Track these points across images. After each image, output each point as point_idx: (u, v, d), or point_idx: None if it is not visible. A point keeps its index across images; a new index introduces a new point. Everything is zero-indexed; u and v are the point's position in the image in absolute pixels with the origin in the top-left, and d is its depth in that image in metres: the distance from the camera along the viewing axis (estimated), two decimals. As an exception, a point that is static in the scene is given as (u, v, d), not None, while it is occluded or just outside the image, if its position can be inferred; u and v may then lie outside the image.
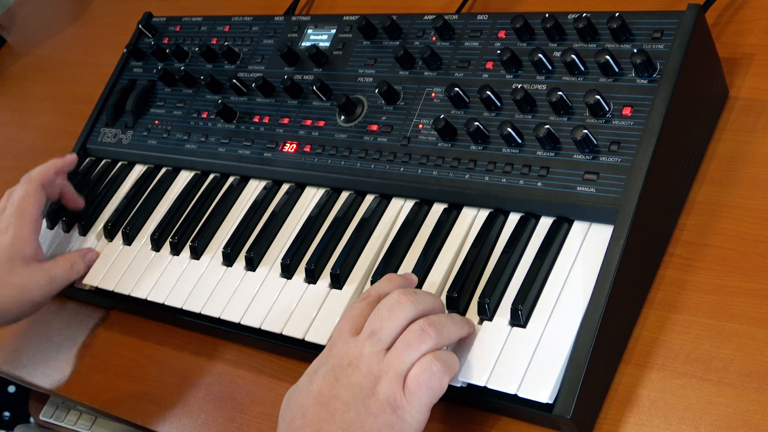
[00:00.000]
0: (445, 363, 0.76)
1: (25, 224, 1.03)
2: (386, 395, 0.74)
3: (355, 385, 0.75)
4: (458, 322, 0.79)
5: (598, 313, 0.75)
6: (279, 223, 1.00)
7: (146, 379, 1.02)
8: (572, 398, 0.73)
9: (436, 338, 0.76)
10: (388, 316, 0.77)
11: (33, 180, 1.06)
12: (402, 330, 0.77)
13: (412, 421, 0.74)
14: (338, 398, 0.74)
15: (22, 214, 1.03)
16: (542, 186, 0.84)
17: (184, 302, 0.99)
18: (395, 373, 0.75)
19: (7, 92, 1.61)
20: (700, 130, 0.87)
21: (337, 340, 0.79)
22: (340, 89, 1.02)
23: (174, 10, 1.40)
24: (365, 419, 0.73)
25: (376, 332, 0.77)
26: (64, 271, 1.05)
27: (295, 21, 1.12)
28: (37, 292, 1.02)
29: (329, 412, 0.74)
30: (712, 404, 0.74)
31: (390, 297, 0.79)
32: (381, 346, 0.76)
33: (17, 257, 1.01)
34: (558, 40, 0.89)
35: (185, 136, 1.13)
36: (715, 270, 0.80)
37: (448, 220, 0.90)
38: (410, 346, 0.76)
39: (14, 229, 1.02)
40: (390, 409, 0.74)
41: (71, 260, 1.06)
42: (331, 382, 0.75)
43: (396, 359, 0.75)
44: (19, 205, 1.04)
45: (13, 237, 1.02)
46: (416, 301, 0.79)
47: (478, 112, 0.91)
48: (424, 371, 0.75)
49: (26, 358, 1.13)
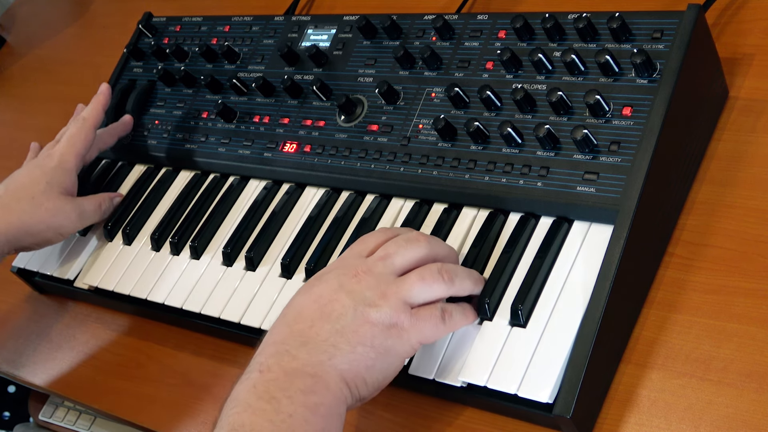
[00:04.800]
0: (455, 321, 0.79)
1: (71, 157, 1.07)
2: (389, 312, 0.76)
3: (358, 293, 0.76)
4: (474, 278, 0.81)
5: (598, 313, 0.75)
6: (279, 223, 1.00)
7: (146, 379, 1.02)
8: (572, 398, 0.73)
9: (449, 284, 0.78)
10: (405, 246, 0.80)
11: (87, 120, 1.10)
12: (414, 265, 0.79)
13: (407, 345, 0.76)
14: (338, 301, 0.76)
15: (71, 146, 1.07)
16: (542, 186, 0.84)
17: (183, 302, 0.99)
18: (402, 297, 0.77)
19: (7, 92, 1.61)
20: (700, 130, 0.87)
21: (348, 257, 0.81)
22: (340, 89, 1.02)
23: (174, 10, 1.40)
24: (361, 326, 0.75)
25: (389, 256, 0.79)
26: (94, 208, 1.09)
27: (295, 21, 1.12)
28: (65, 222, 1.05)
29: (325, 312, 0.76)
30: (712, 404, 0.74)
31: (410, 233, 0.82)
32: (391, 269, 0.78)
33: (56, 184, 1.05)
34: (558, 40, 0.89)
35: (185, 136, 1.13)
36: (715, 270, 0.80)
37: (448, 220, 0.90)
38: (424, 281, 0.77)
39: (60, 160, 1.06)
40: (388, 324, 0.75)
41: (100, 200, 1.10)
42: (334, 287, 0.77)
43: (406, 286, 0.77)
44: (70, 140, 1.08)
45: (58, 164, 1.06)
46: (433, 243, 0.81)
47: (478, 112, 0.91)
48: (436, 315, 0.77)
49: (26, 358, 1.13)
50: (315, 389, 0.72)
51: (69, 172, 1.06)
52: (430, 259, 0.80)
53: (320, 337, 0.74)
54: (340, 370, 0.74)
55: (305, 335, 0.75)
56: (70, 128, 1.10)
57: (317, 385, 0.72)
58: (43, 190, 1.04)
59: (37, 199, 1.03)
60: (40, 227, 1.03)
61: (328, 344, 0.74)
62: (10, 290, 1.22)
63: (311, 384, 0.72)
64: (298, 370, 0.73)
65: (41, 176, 1.04)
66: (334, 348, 0.74)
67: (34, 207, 1.03)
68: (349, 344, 0.74)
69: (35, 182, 1.04)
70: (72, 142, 1.07)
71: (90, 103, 1.12)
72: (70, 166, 1.06)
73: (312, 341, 0.74)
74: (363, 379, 0.75)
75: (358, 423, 0.87)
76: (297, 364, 0.73)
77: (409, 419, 0.85)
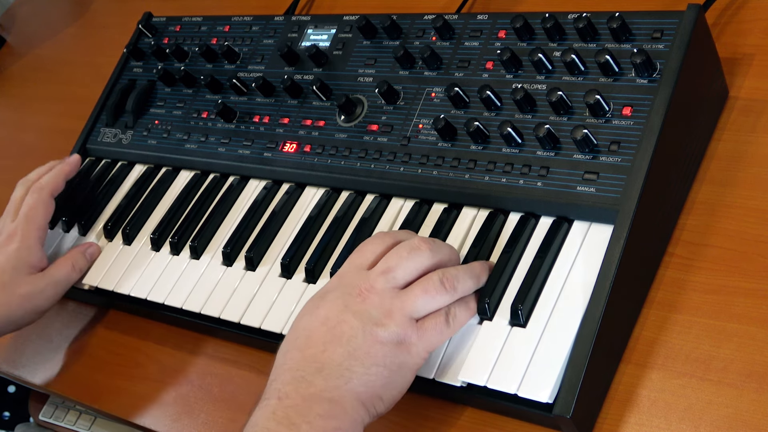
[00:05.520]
0: (459, 320, 0.79)
1: (32, 233, 1.04)
2: (396, 329, 0.76)
3: (364, 313, 0.76)
4: (475, 276, 0.81)
5: (598, 313, 0.75)
6: (279, 223, 1.00)
7: (146, 379, 1.02)
8: (572, 398, 0.73)
9: (452, 293, 0.79)
10: (407, 257, 0.79)
11: (44, 189, 1.07)
12: (416, 276, 0.79)
13: (416, 357, 0.77)
14: (346, 323, 0.76)
15: (30, 222, 1.05)
16: (542, 186, 0.84)
17: (183, 302, 0.99)
18: (407, 314, 0.77)
19: (7, 92, 1.61)
20: (700, 130, 0.87)
21: (348, 272, 0.81)
22: (340, 89, 1.02)
23: (174, 10, 1.40)
24: (372, 346, 0.75)
25: (391, 270, 0.79)
26: (66, 274, 1.05)
27: (295, 21, 1.12)
28: (41, 300, 1.03)
29: (335, 335, 0.76)
30: (712, 404, 0.74)
31: (411, 241, 0.81)
32: (394, 284, 0.78)
33: (22, 267, 1.02)
34: (558, 40, 0.89)
35: (185, 136, 1.13)
36: (715, 270, 0.80)
37: (448, 220, 0.90)
38: (427, 293, 0.78)
39: (21, 238, 1.03)
40: (397, 342, 0.76)
41: (72, 260, 1.06)
42: (339, 307, 0.77)
43: (411, 301, 0.77)
44: (28, 214, 1.05)
45: (20, 245, 1.03)
46: (435, 250, 0.81)
47: (478, 112, 0.91)
48: (441, 322, 0.78)
49: (26, 358, 1.13)
50: (333, 414, 0.73)
51: (32, 249, 1.03)
52: (433, 268, 0.80)
53: (334, 361, 0.75)
54: (356, 393, 0.74)
55: (319, 360, 0.75)
56: (27, 200, 1.06)
57: (335, 410, 0.73)
58: (12, 277, 1.01)
59: (8, 287, 1.01)
60: (19, 313, 1.02)
61: (343, 368, 0.74)
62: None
63: (329, 409, 0.73)
64: (315, 395, 0.73)
65: (5, 262, 1.02)
66: (350, 372, 0.74)
67: (7, 296, 1.01)
68: (363, 366, 0.75)
69: (1, 271, 1.01)
70: (30, 216, 1.05)
71: (53, 171, 1.10)
72: (32, 242, 1.04)
73: (327, 367, 0.75)
74: (379, 397, 0.76)
75: (358, 423, 0.87)
76: (314, 390, 0.74)
77: (409, 419, 0.85)
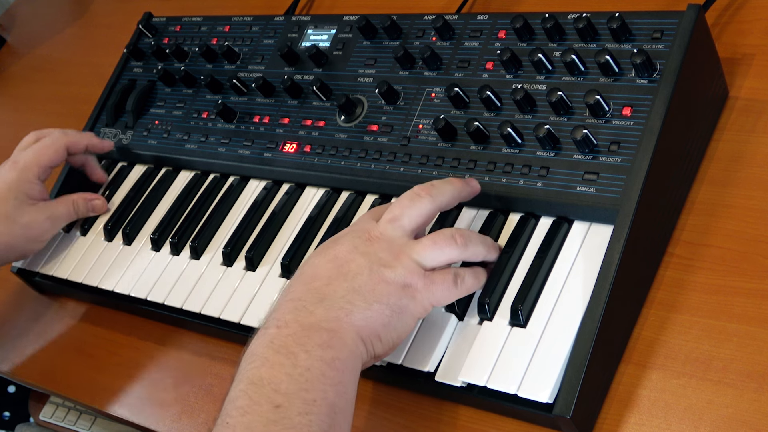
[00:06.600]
0: (468, 285, 0.80)
1: (33, 168, 1.08)
2: (403, 272, 0.77)
3: (373, 254, 0.78)
4: (488, 244, 0.82)
5: (598, 313, 0.75)
6: (279, 223, 1.00)
7: (146, 379, 1.02)
8: (572, 398, 0.73)
9: (462, 248, 0.80)
10: (409, 205, 0.81)
11: (64, 137, 1.11)
12: (421, 222, 0.81)
13: (419, 306, 0.78)
14: (354, 261, 0.77)
15: (38, 158, 1.08)
16: (542, 186, 0.84)
17: (183, 302, 0.99)
18: (415, 259, 0.78)
19: (7, 92, 1.61)
20: (700, 130, 0.87)
21: (359, 221, 0.83)
22: (340, 89, 1.02)
23: (174, 10, 1.40)
24: (377, 284, 0.76)
25: (397, 219, 0.80)
26: (66, 212, 1.10)
27: (295, 21, 1.12)
28: (40, 232, 1.08)
29: (341, 272, 0.77)
30: (712, 404, 0.74)
31: (412, 189, 0.82)
32: (402, 231, 0.80)
33: (23, 197, 1.06)
34: (558, 40, 0.89)
35: (185, 136, 1.13)
36: (715, 270, 0.80)
37: (448, 219, 0.90)
38: (436, 244, 0.79)
39: (22, 169, 1.07)
40: (403, 284, 0.77)
41: (75, 202, 1.11)
42: (348, 248, 0.79)
43: (419, 249, 0.78)
44: (39, 151, 1.09)
45: (19, 176, 1.07)
46: (435, 194, 0.82)
47: (478, 112, 0.91)
48: (449, 280, 0.78)
49: (26, 358, 1.13)
50: (332, 344, 0.73)
51: (31, 183, 1.07)
52: (435, 212, 0.82)
53: (337, 294, 0.76)
54: (356, 327, 0.75)
55: (322, 292, 0.76)
56: (44, 140, 1.10)
57: (334, 340, 0.73)
58: (14, 206, 1.05)
59: (11, 217, 1.05)
60: (20, 242, 1.07)
61: (345, 301, 0.75)
62: (10, 290, 1.22)
63: (328, 339, 0.73)
64: (315, 325, 0.74)
65: (7, 192, 1.06)
66: (351, 305, 0.75)
67: (10, 226, 1.05)
68: (366, 302, 0.75)
69: (3, 200, 1.05)
70: (38, 152, 1.09)
71: (84, 133, 1.14)
72: (31, 176, 1.07)
73: (329, 298, 0.76)
74: (378, 336, 0.76)
75: (358, 423, 0.87)
76: (314, 319, 0.74)
77: (409, 419, 0.85)
